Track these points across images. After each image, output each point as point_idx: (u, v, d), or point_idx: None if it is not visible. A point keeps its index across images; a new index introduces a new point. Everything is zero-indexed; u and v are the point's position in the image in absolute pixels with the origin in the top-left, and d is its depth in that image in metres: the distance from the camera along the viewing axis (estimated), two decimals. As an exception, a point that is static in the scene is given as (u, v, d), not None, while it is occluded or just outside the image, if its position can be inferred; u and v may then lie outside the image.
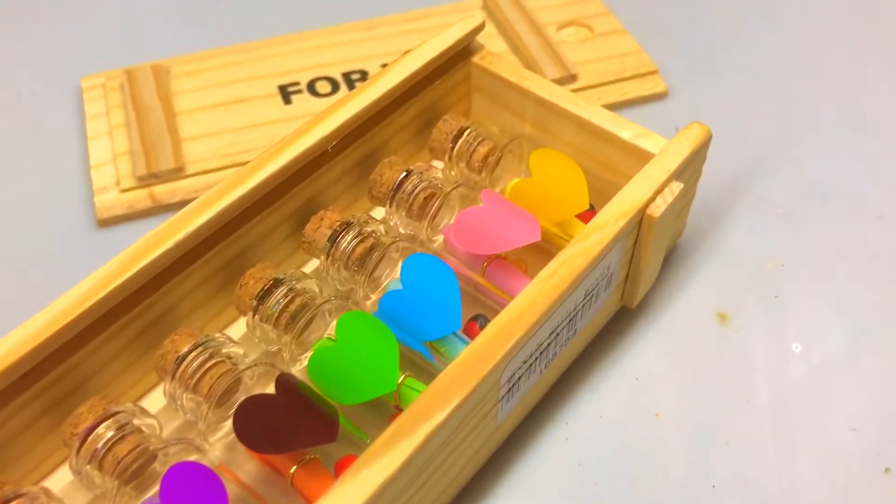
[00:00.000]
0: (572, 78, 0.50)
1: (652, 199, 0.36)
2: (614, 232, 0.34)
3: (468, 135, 0.42)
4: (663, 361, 0.38)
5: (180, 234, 0.34)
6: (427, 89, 0.43)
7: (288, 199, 0.38)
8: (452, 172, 0.43)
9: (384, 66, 0.51)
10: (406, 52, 0.43)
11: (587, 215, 0.41)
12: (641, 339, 0.39)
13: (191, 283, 0.36)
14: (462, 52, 0.44)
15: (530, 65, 0.51)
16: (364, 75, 0.51)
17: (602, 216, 0.35)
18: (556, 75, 0.50)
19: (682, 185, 0.36)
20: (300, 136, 0.38)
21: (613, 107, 0.50)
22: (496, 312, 0.32)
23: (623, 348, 0.39)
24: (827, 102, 0.51)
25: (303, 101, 0.50)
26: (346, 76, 0.51)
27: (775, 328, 0.40)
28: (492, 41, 0.53)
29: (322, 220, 0.38)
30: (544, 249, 0.40)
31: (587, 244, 0.34)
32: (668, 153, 0.37)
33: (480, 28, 0.44)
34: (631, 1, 0.58)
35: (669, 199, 0.36)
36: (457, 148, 0.42)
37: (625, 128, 0.40)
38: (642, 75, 0.51)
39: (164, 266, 0.34)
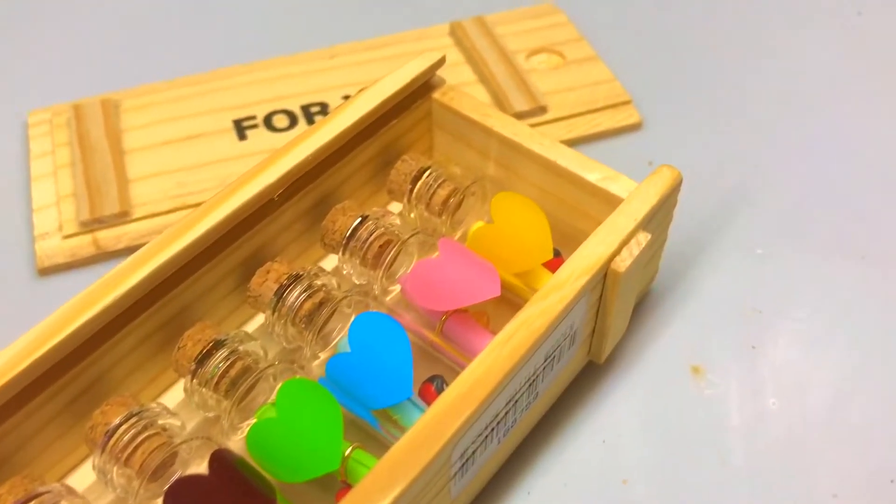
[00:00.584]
0: (541, 110, 0.48)
1: (617, 252, 0.33)
2: (576, 289, 0.32)
3: (428, 176, 0.40)
4: (633, 421, 0.36)
5: (110, 297, 0.32)
6: (384, 129, 0.41)
7: (232, 250, 0.36)
8: (412, 215, 0.41)
9: (346, 97, 0.49)
10: (361, 90, 0.41)
11: (554, 262, 0.38)
12: (609, 396, 0.37)
13: (126, 345, 0.34)
14: (422, 88, 0.42)
15: (498, 96, 0.48)
16: (324, 108, 0.49)
17: (564, 272, 0.32)
18: (524, 107, 0.47)
19: (649, 236, 0.34)
20: (243, 184, 0.36)
21: (585, 140, 0.48)
22: (455, 372, 0.30)
23: (590, 408, 0.36)
24: (809, 135, 0.49)
25: (258, 136, 0.47)
26: (305, 109, 0.49)
27: (752, 382, 0.37)
28: (459, 70, 0.51)
29: (268, 272, 0.36)
30: (508, 300, 0.38)
31: (547, 304, 0.31)
32: (634, 200, 0.35)
33: (440, 63, 0.42)
34: (605, 26, 0.55)
35: (636, 252, 0.33)
36: (416, 190, 0.40)
37: (592, 170, 0.38)
38: (615, 105, 0.49)
39: (98, 328, 0.32)
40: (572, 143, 0.47)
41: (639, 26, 0.56)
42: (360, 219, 0.38)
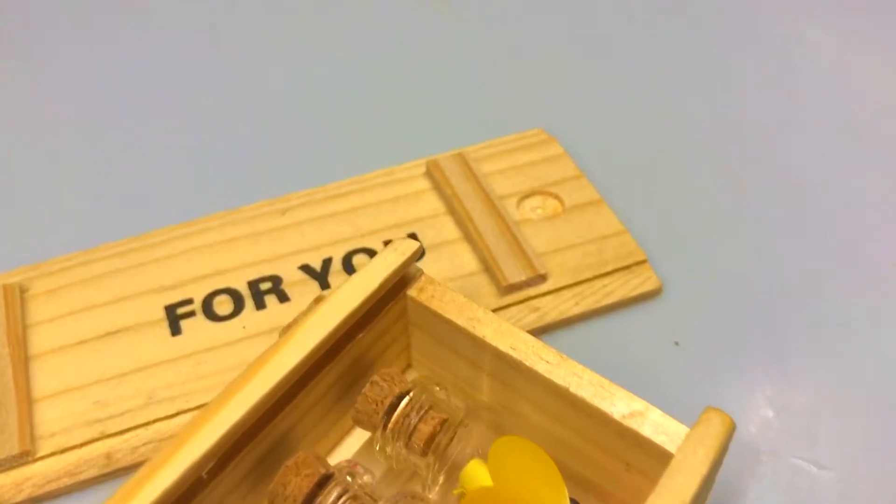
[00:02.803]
0: (541, 279, 0.39)
1: (663, 560, 0.25)
2: None
3: (406, 405, 0.31)
4: None
5: None
6: (348, 346, 0.32)
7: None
8: (388, 450, 0.32)
9: (302, 268, 0.40)
10: (317, 300, 0.32)
11: (571, 519, 0.30)
12: None
13: None
14: (395, 286, 0.33)
15: (487, 261, 0.40)
16: (276, 283, 0.40)
17: None
18: (520, 277, 0.39)
19: (702, 528, 0.26)
20: (163, 464, 0.27)
21: (594, 313, 0.39)
22: None
23: None
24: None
25: (196, 328, 0.38)
26: (253, 286, 0.40)
27: None
28: (439, 223, 0.42)
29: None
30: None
31: None
32: (676, 475, 0.26)
33: (416, 255, 0.33)
34: (607, 157, 0.47)
35: (688, 557, 0.25)
36: (391, 424, 0.31)
37: (614, 399, 0.29)
38: (628, 267, 0.40)
39: None
40: (579, 318, 0.39)
41: (648, 156, 0.48)
42: (319, 479, 0.29)
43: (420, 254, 0.33)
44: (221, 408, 0.28)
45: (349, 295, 0.31)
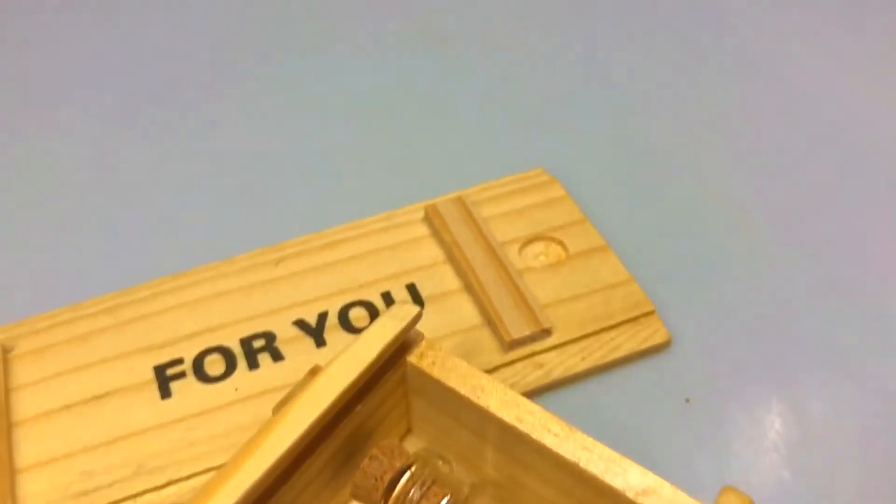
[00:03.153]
0: (545, 333, 0.38)
1: None
2: None
3: (407, 481, 0.30)
4: None
5: None
6: (345, 420, 0.31)
7: None
8: (388, 526, 0.30)
9: (297, 323, 0.39)
10: (312, 371, 0.31)
11: None
12: None
13: None
14: (394, 353, 0.32)
15: (489, 314, 0.38)
16: (269, 340, 0.38)
17: None
18: (524, 332, 0.38)
19: None
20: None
21: (601, 369, 0.38)
22: None
23: None
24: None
25: (187, 391, 0.37)
26: (246, 344, 0.38)
27: None
28: (439, 272, 0.41)
29: None
30: None
31: None
32: (699, 568, 0.25)
33: (416, 320, 0.32)
34: (610, 199, 0.45)
35: None
36: (392, 501, 0.30)
37: (626, 475, 0.28)
38: (636, 318, 0.39)
39: None
40: (586, 374, 0.38)
41: (653, 199, 0.46)
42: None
43: (419, 318, 0.31)
44: (213, 495, 0.26)
45: (346, 367, 0.30)
